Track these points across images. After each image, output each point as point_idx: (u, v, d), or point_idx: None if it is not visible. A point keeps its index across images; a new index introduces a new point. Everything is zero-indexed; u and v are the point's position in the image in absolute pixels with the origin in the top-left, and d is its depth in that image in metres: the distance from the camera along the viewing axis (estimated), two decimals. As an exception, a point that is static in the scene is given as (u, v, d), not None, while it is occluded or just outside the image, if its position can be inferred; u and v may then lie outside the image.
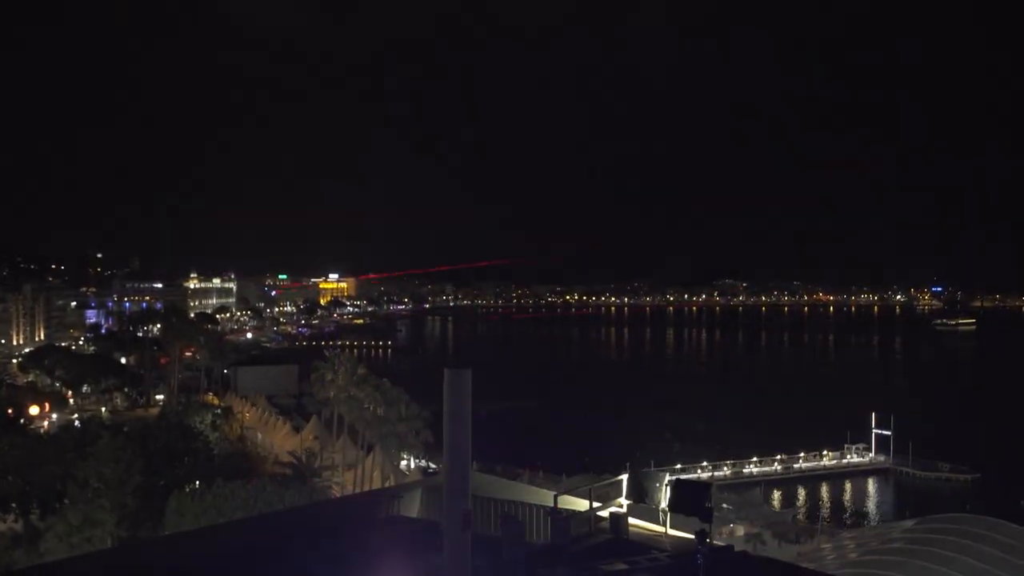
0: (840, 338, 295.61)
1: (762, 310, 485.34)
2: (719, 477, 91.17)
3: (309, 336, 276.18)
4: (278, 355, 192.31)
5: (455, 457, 18.01)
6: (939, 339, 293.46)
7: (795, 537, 65.58)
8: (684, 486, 22.00)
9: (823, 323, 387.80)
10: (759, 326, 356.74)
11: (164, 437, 64.59)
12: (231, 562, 18.35)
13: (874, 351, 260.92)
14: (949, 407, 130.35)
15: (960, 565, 34.70)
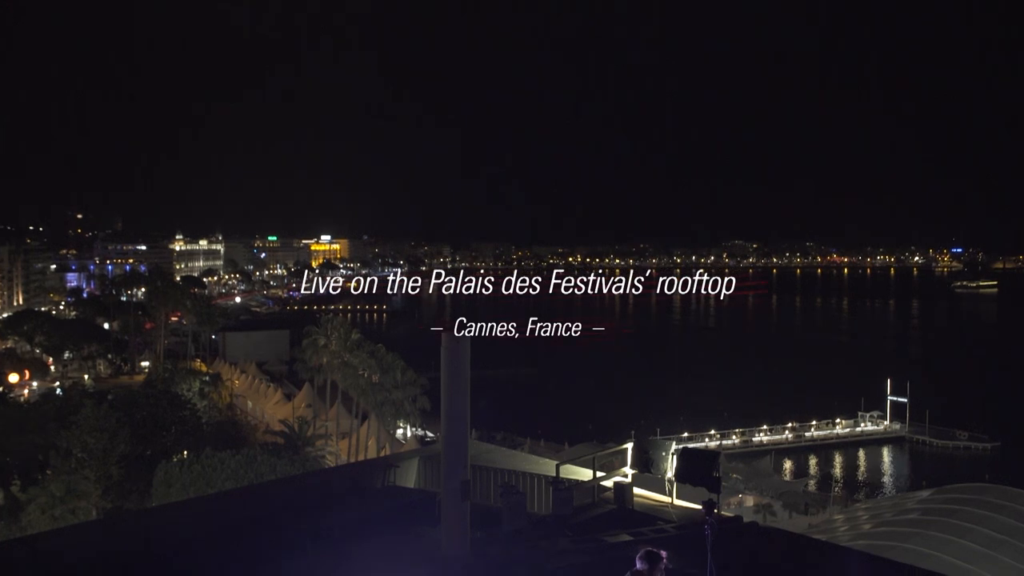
0: (855, 301, 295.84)
1: (773, 272, 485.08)
2: (727, 446, 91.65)
3: (300, 300, 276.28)
4: (268, 320, 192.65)
5: (453, 425, 18.08)
6: (958, 302, 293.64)
7: (806, 508, 66.00)
8: (691, 455, 22.11)
9: (837, 286, 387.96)
10: (770, 289, 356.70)
11: (150, 405, 64.77)
12: (221, 534, 18.47)
13: (890, 315, 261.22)
14: (968, 373, 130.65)
15: (978, 536, 34.90)
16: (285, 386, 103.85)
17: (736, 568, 15.66)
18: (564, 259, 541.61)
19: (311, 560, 16.89)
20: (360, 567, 16.44)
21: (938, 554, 33.19)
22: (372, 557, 17.21)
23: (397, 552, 17.88)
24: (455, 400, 17.88)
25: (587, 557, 17.57)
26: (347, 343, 73.64)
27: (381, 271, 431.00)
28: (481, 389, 17.79)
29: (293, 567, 16.32)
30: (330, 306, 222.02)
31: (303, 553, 17.19)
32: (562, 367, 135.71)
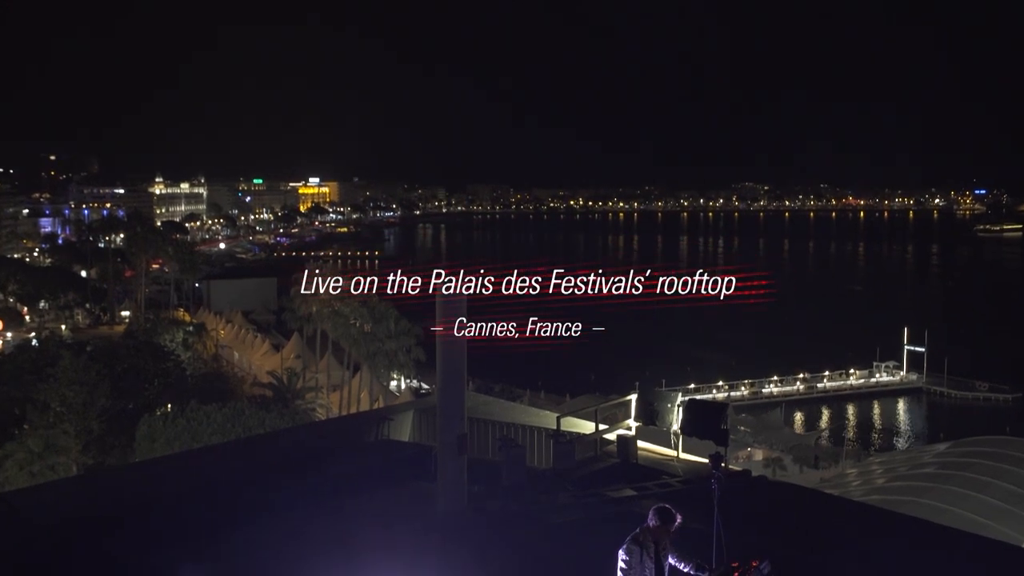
0: (871, 246, 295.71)
1: (786, 216, 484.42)
2: (736, 397, 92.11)
3: (289, 246, 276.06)
4: (255, 267, 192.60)
5: (450, 376, 18.16)
6: (981, 247, 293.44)
7: (816, 462, 66.56)
8: (698, 407, 22.25)
9: (853, 230, 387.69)
10: (782, 233, 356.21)
11: (131, 357, 64.99)
12: (208, 490, 18.62)
13: (908, 261, 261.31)
14: (990, 321, 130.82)
15: (997, 490, 35.23)
16: (273, 336, 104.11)
17: (744, 524, 15.83)
18: (565, 202, 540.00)
19: (302, 516, 17.06)
20: (353, 524, 16.62)
21: (955, 509, 33.53)
22: (366, 513, 17.38)
23: (392, 508, 18.05)
24: (451, 351, 17.94)
25: (589, 512, 17.76)
26: (338, 291, 73.65)
27: (373, 215, 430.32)
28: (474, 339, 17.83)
29: (283, 524, 16.48)
30: (320, 252, 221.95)
31: (292, 510, 17.35)
32: (561, 310, 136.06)
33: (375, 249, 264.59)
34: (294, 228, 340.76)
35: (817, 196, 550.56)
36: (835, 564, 15.78)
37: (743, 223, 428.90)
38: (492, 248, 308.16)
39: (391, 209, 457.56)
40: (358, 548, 14.64)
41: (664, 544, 9.66)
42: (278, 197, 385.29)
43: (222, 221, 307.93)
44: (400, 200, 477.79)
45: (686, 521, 9.95)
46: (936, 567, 15.69)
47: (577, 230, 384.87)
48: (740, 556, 9.91)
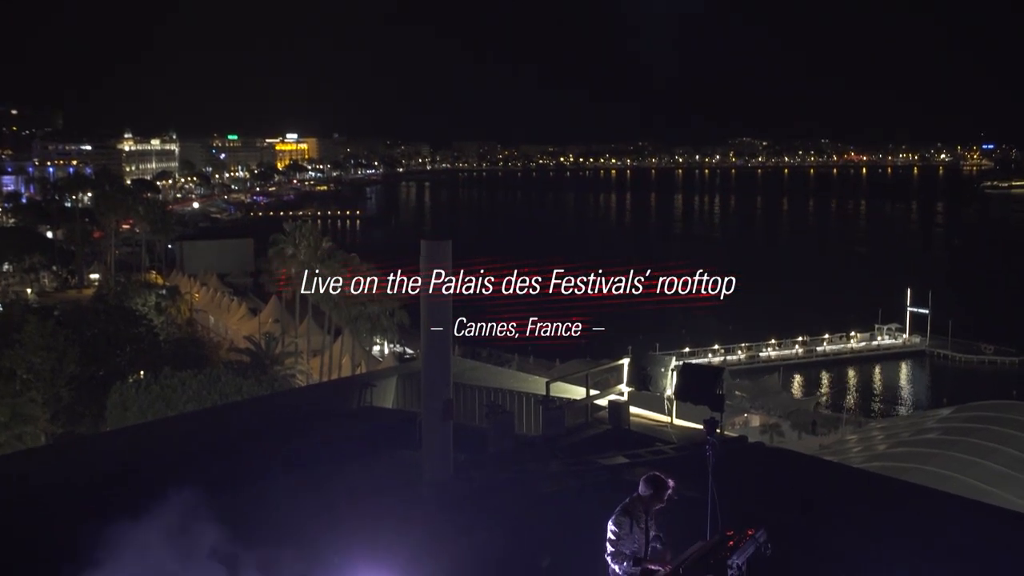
0: (873, 204, 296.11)
1: (785, 173, 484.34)
2: (732, 362, 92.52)
3: (266, 205, 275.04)
4: (230, 228, 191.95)
5: (434, 341, 18.18)
6: (988, 204, 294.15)
7: (814, 426, 66.98)
8: (692, 371, 22.35)
9: (854, 187, 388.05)
10: (781, 191, 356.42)
11: (101, 322, 64.84)
12: (183, 459, 18.66)
13: (912, 219, 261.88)
14: (996, 282, 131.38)
15: (1002, 457, 35.54)
16: (250, 300, 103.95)
17: (740, 492, 15.94)
18: (555, 159, 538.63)
19: (282, 486, 17.12)
20: (335, 493, 16.68)
21: (959, 476, 33.83)
22: (348, 483, 17.45)
23: (375, 477, 18.13)
24: (436, 313, 17.95)
25: (579, 481, 17.86)
26: (317, 252, 73.54)
27: (354, 173, 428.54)
28: (464, 301, 17.87)
29: (262, 494, 16.52)
30: (298, 212, 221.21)
31: (273, 479, 17.40)
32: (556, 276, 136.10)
33: (356, 208, 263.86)
34: (271, 187, 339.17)
35: (818, 152, 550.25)
36: (834, 533, 15.92)
37: (740, 180, 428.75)
38: (478, 207, 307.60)
39: (373, 166, 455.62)
40: (340, 519, 14.71)
41: (653, 514, 9.74)
42: (254, 154, 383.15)
43: (195, 179, 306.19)
44: (382, 157, 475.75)
45: (679, 489, 10.02)
46: (939, 535, 15.85)
47: (567, 188, 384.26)
48: (735, 525, 9.99)
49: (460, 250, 18.57)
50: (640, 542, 9.50)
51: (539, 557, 14.35)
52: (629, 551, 9.42)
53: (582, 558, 13.34)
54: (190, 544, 10.68)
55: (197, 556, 10.55)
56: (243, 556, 10.78)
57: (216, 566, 10.57)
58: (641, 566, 9.39)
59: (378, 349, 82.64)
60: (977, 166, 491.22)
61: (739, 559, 9.11)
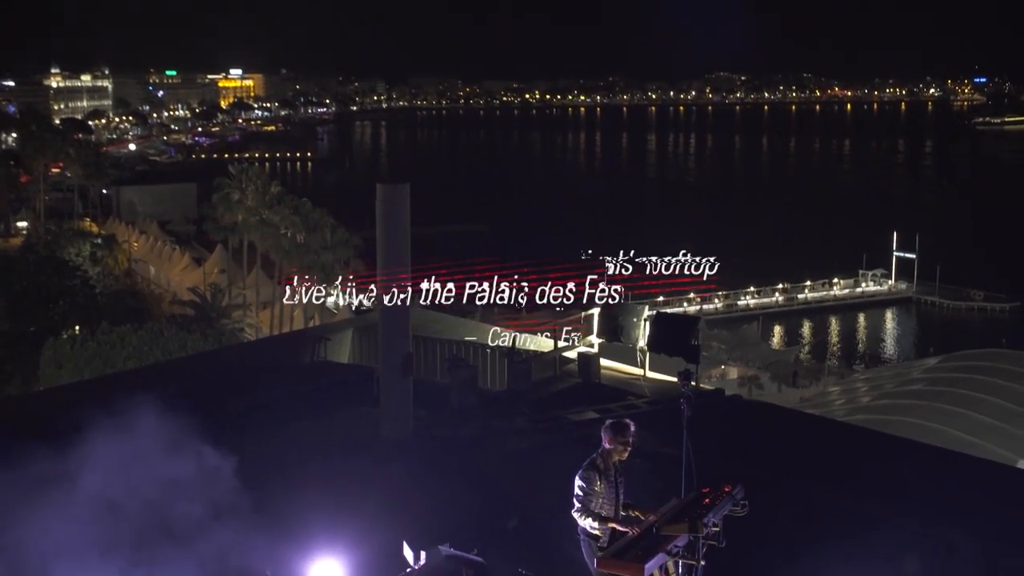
0: (858, 142, 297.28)
1: (765, 110, 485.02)
2: (708, 311, 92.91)
3: (209, 147, 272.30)
4: (171, 171, 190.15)
5: (392, 290, 18.18)
6: (979, 141, 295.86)
7: (795, 378, 67.66)
8: (666, 321, 22.51)
9: (838, 125, 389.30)
10: (760, 129, 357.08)
11: (31, 274, 64.32)
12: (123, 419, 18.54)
13: (899, 158, 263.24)
14: (987, 225, 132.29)
15: (990, 408, 36.10)
16: (194, 249, 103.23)
17: (717, 447, 16.14)
18: (520, 96, 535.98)
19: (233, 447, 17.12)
20: (289, 454, 16.72)
21: (945, 428, 34.37)
22: (301, 442, 17.49)
23: (330, 436, 18.18)
24: (394, 262, 17.93)
25: (547, 437, 18.01)
26: (266, 197, 73.06)
27: (304, 111, 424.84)
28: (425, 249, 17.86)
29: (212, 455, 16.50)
30: (244, 154, 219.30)
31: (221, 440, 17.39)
32: (520, 222, 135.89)
33: (307, 150, 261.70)
34: (214, 127, 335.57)
35: (800, 87, 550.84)
36: (816, 488, 16.17)
37: (717, 118, 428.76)
38: (439, 148, 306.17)
39: (324, 105, 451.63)
40: (295, 480, 14.77)
41: (621, 470, 9.83)
42: (195, 92, 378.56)
43: (131, 119, 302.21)
44: (334, 95, 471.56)
45: (653, 444, 10.12)
46: (925, 489, 16.13)
47: (533, 127, 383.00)
48: (711, 482, 10.10)
49: (419, 195, 18.53)
50: (609, 498, 9.61)
51: (506, 518, 14.49)
52: (597, 508, 9.53)
53: (550, 518, 13.49)
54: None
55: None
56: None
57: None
58: (610, 524, 9.49)
59: (332, 300, 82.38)
60: (968, 101, 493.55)
61: (715, 517, 9.24)
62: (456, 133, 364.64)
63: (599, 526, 9.48)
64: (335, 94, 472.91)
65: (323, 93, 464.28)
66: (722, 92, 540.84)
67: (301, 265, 69.41)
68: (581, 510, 9.48)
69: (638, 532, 9.17)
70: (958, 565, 13.48)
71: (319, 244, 68.38)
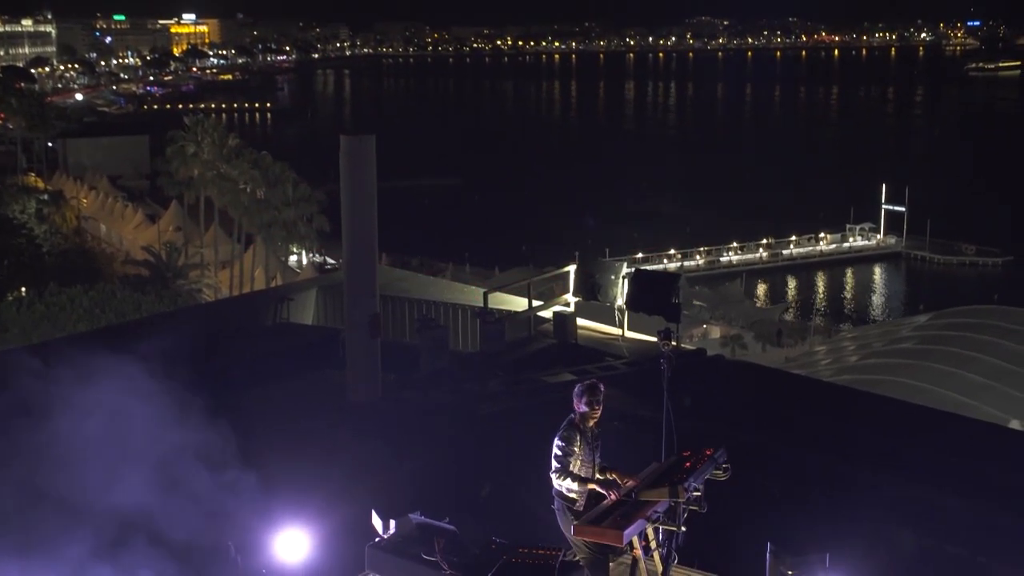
0: (846, 90, 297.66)
1: (748, 56, 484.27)
2: (690, 268, 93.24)
3: (161, 97, 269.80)
4: (121, 123, 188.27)
5: (358, 248, 18.14)
6: (972, 88, 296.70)
7: (779, 337, 68.07)
8: (646, 278, 22.54)
9: (825, 71, 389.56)
10: (744, 78, 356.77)
11: (-26, 232, 63.80)
12: (74, 386, 18.48)
13: (888, 107, 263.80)
14: (979, 176, 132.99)
15: (982, 366, 36.49)
16: (147, 205, 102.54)
17: (699, 409, 16.24)
18: (491, 42, 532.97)
19: (192, 414, 17.10)
20: (251, 420, 16.70)
21: (936, 388, 34.76)
22: (264, 407, 17.49)
23: (294, 400, 18.20)
24: (359, 218, 17.88)
25: (522, 401, 18.07)
26: (223, 151, 72.51)
27: (263, 59, 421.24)
28: (391, 203, 17.81)
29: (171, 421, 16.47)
30: (200, 104, 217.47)
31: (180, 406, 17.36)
32: (492, 175, 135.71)
33: (266, 100, 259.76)
34: (167, 75, 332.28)
35: (784, 32, 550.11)
36: (802, 451, 16.31)
37: (699, 65, 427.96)
38: (406, 97, 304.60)
39: (284, 52, 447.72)
40: (258, 447, 14.77)
41: (597, 434, 9.86)
42: (146, 38, 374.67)
43: (77, 67, 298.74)
44: (295, 42, 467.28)
45: (632, 406, 10.16)
46: (914, 452, 16.28)
47: (506, 76, 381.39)
48: (693, 445, 10.16)
49: (385, 147, 18.45)
50: (587, 460, 9.63)
51: (479, 485, 14.57)
52: (576, 469, 9.55)
53: (525, 485, 13.56)
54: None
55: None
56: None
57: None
58: (589, 486, 9.52)
59: (295, 259, 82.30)
60: (961, 46, 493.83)
61: (696, 481, 9.28)
62: (424, 82, 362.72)
63: (577, 488, 9.49)
64: (295, 41, 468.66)
65: (283, 40, 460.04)
66: (704, 38, 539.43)
67: (261, 222, 69.13)
68: (559, 471, 9.48)
69: (616, 498, 9.20)
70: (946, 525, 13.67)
71: (280, 200, 68.03)
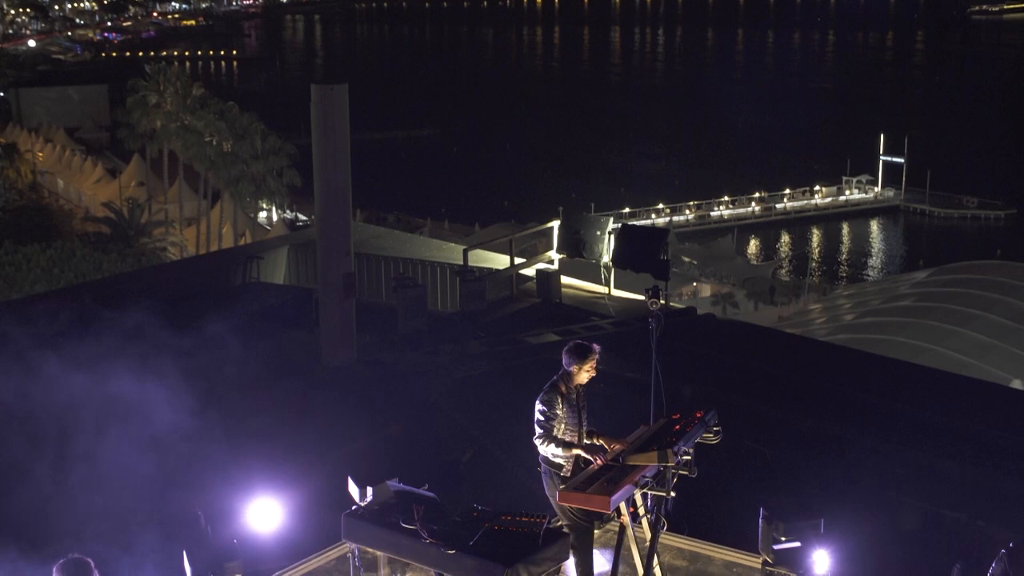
0: (842, 35, 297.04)
1: None
2: (679, 223, 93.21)
3: (120, 44, 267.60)
4: (78, 71, 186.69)
5: (332, 204, 18.13)
6: (976, 33, 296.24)
7: (772, 293, 68.21)
8: (633, 234, 22.61)
9: (821, 14, 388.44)
10: (736, 21, 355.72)
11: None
12: (32, 347, 18.45)
13: (887, 52, 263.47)
14: (982, 124, 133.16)
15: (983, 324, 36.67)
16: (107, 159, 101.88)
17: (689, 370, 16.35)
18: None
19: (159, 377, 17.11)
20: (221, 385, 16.74)
21: (935, 347, 34.92)
22: (235, 372, 17.50)
23: (266, 363, 18.21)
24: (332, 172, 17.85)
25: (503, 363, 18.15)
26: (187, 101, 72.01)
27: (227, 4, 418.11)
28: (365, 156, 17.80)
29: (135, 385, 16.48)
30: (161, 52, 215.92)
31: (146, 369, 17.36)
32: (472, 127, 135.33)
33: (232, 48, 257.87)
34: (126, 21, 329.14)
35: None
36: (796, 413, 16.44)
37: (688, 8, 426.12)
38: (380, 45, 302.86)
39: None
40: (229, 412, 14.81)
41: (584, 395, 9.85)
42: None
43: (29, 11, 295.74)
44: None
45: (619, 367, 10.21)
46: (913, 413, 16.43)
47: (484, 21, 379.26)
48: (682, 407, 10.21)
49: (358, 97, 18.39)
50: (572, 424, 9.63)
51: (459, 451, 14.64)
52: (560, 434, 9.55)
53: (508, 451, 13.66)
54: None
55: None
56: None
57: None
58: (575, 451, 9.53)
59: (265, 216, 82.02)
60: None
61: (686, 445, 9.30)
62: (399, 28, 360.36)
63: (563, 453, 9.49)
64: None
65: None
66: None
67: (228, 177, 68.83)
68: (543, 436, 9.48)
69: (603, 462, 9.23)
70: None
71: (248, 153, 67.66)
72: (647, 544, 9.43)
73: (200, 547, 8.96)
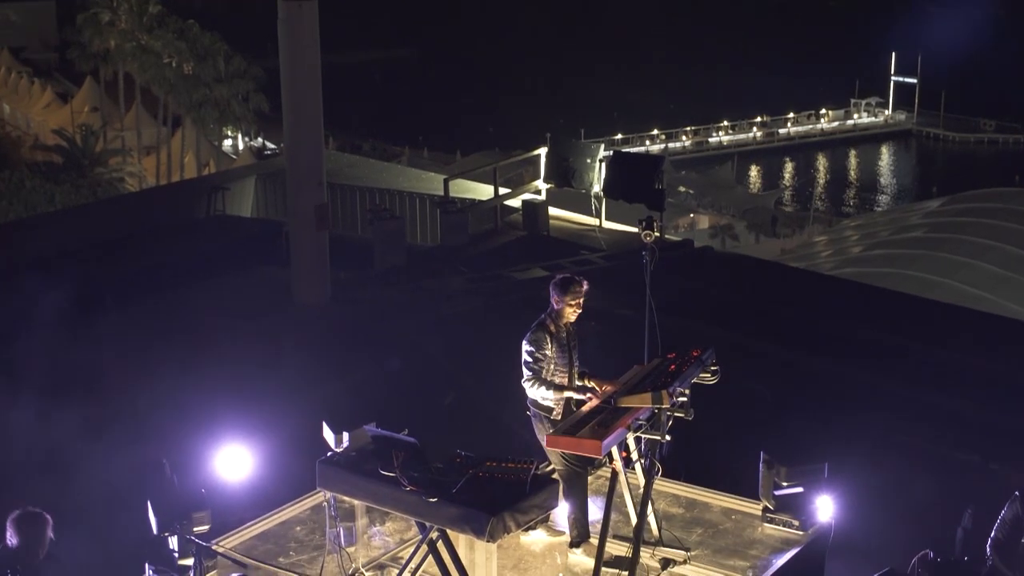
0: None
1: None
2: (675, 150, 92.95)
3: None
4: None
5: (301, 130, 18.06)
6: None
7: (777, 228, 68.26)
8: (626, 162, 22.62)
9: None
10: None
11: None
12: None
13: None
14: (999, 40, 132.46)
15: (999, 256, 36.71)
16: (57, 82, 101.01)
17: (685, 307, 16.41)
18: None
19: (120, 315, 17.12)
20: (182, 326, 16.75)
21: (948, 281, 35.00)
22: (201, 309, 17.52)
23: (233, 301, 18.22)
24: (302, 95, 17.76)
25: (488, 299, 18.18)
26: (143, 19, 71.30)
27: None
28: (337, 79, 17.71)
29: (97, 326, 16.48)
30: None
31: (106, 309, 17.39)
32: (452, 47, 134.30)
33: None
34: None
35: None
36: (798, 352, 16.51)
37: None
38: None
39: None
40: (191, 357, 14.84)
41: (574, 332, 9.85)
42: None
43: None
44: None
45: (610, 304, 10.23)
46: (924, 351, 16.51)
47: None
48: (678, 345, 10.22)
49: (328, 14, 18.25)
50: (562, 364, 9.65)
51: (441, 394, 14.71)
52: (549, 375, 9.55)
53: (493, 393, 13.71)
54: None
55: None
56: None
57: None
58: (565, 393, 9.55)
59: (230, 143, 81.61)
60: None
61: (682, 385, 9.31)
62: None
63: (553, 396, 9.51)
64: None
65: None
66: None
67: (190, 101, 68.38)
68: (531, 378, 9.49)
69: (594, 405, 9.25)
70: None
71: (211, 76, 67.18)
72: (641, 491, 9.48)
73: (165, 497, 8.97)
